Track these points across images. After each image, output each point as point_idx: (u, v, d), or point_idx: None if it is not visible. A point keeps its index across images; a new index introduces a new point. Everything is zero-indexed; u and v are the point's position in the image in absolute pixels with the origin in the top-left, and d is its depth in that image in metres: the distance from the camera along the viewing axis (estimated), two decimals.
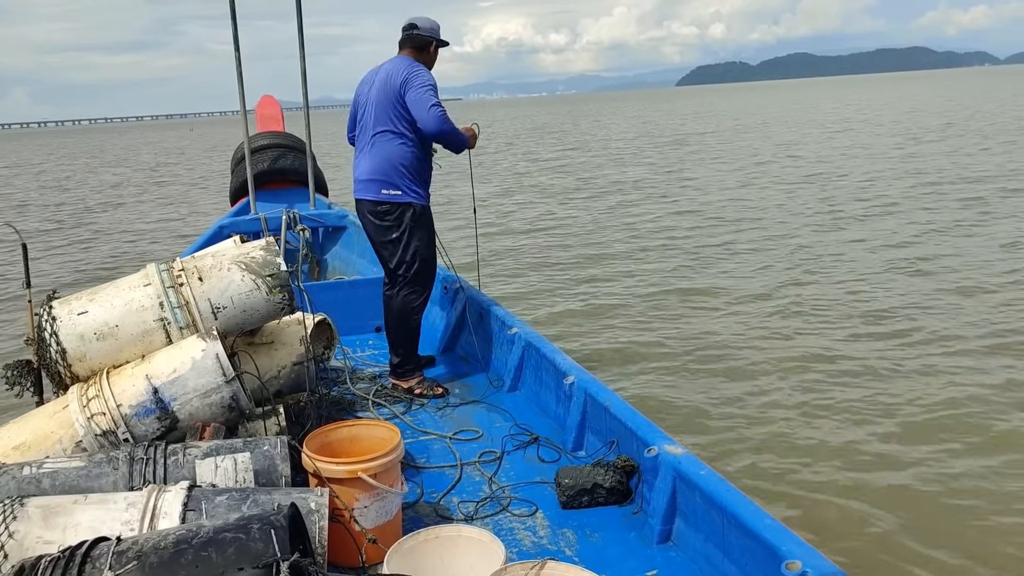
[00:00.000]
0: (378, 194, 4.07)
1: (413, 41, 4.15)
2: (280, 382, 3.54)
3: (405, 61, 4.07)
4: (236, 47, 5.92)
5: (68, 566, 1.82)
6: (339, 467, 2.60)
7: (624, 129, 39.69)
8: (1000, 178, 14.39)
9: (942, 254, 9.03)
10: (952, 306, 7.09)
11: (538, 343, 4.06)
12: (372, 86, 4.12)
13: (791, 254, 9.49)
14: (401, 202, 4.07)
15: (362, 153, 4.17)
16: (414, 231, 4.11)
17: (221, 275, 3.11)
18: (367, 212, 4.17)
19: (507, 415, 3.89)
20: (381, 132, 4.05)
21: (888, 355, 5.98)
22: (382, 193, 4.07)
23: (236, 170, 7.25)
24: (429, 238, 4.20)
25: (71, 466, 2.52)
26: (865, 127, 29.61)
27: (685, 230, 11.48)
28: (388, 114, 4.02)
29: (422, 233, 4.14)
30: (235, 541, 1.83)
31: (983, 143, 20.86)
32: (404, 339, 4.26)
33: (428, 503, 3.10)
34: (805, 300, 7.55)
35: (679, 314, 7.39)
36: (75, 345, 2.93)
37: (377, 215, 4.12)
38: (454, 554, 2.38)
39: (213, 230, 6.13)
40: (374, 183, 4.08)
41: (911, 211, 11.74)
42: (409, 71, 3.99)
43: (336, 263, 6.65)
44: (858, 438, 4.71)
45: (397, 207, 4.07)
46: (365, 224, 4.26)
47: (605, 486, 2.98)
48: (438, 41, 4.19)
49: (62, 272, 11.18)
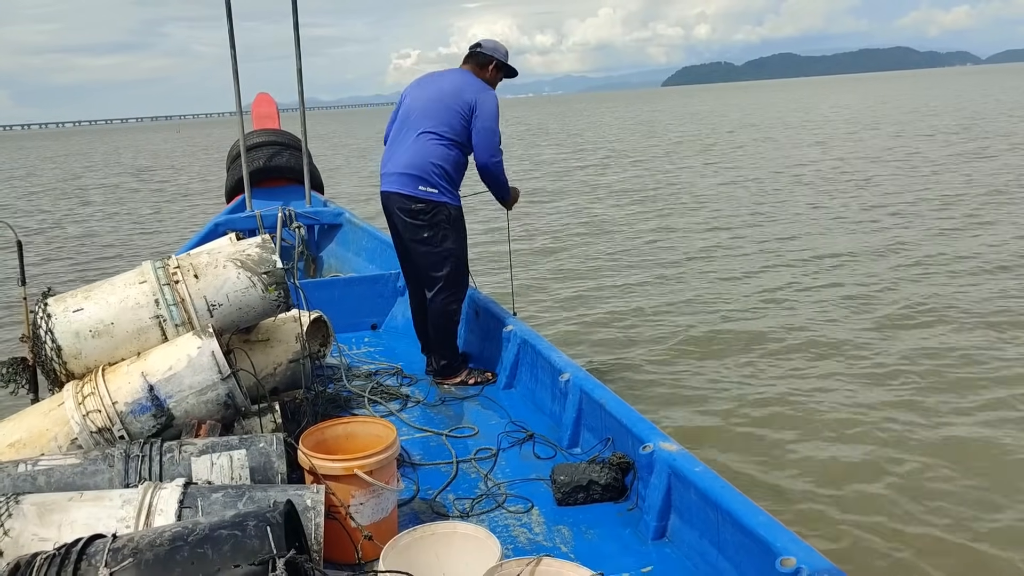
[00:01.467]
0: (415, 190, 4.04)
1: (476, 58, 4.21)
2: (276, 379, 3.54)
3: (476, 80, 4.12)
4: (232, 45, 5.91)
5: (64, 563, 1.82)
6: (335, 464, 2.60)
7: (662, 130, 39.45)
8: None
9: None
10: (948, 306, 7.12)
11: (533, 340, 4.06)
12: (429, 88, 4.15)
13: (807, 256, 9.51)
14: (437, 201, 4.05)
15: (400, 147, 4.13)
16: (448, 232, 4.10)
17: (217, 272, 3.10)
18: (397, 208, 4.11)
19: (503, 412, 3.90)
20: (430, 132, 4.04)
21: (887, 354, 6.00)
22: (419, 190, 4.04)
23: (232, 167, 7.24)
24: (461, 240, 4.18)
25: (66, 463, 2.52)
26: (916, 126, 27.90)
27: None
28: (444, 119, 4.02)
29: (455, 235, 4.13)
30: (231, 538, 1.83)
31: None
32: (447, 341, 4.29)
33: (424, 500, 3.10)
34: (806, 298, 7.58)
35: (680, 304, 7.42)
36: (70, 342, 2.92)
37: (410, 213, 4.08)
38: (450, 551, 2.38)
39: (209, 227, 6.12)
40: (411, 178, 4.04)
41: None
42: (482, 94, 4.04)
43: (332, 260, 6.65)
44: (857, 437, 4.72)
45: (432, 206, 4.05)
46: (394, 221, 4.21)
47: (600, 483, 2.99)
48: (500, 63, 4.20)
49: (59, 271, 11.17)
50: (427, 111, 4.07)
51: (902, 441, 4.61)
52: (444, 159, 4.03)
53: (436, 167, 4.02)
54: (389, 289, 5.38)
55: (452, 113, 4.02)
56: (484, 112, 4.01)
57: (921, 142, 21.60)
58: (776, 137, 26.77)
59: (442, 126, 4.02)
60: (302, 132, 6.51)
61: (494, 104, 4.06)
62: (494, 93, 4.15)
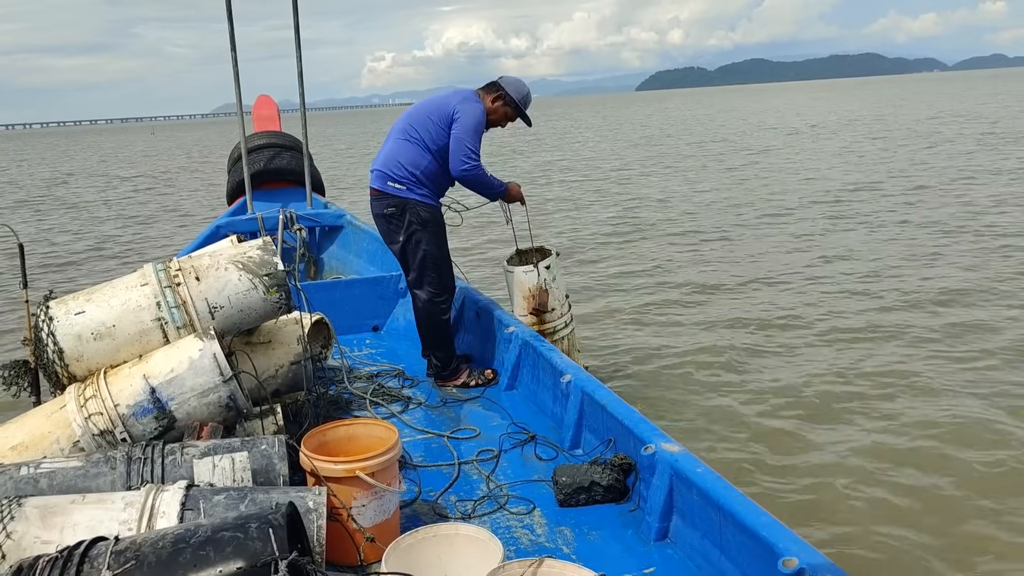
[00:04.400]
0: (384, 185, 4.11)
1: (489, 87, 4.28)
2: (278, 381, 3.54)
3: (468, 95, 4.16)
4: (232, 48, 5.91)
5: (66, 566, 1.82)
6: (337, 466, 2.60)
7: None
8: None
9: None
10: (947, 309, 7.11)
11: (535, 341, 4.06)
12: (424, 102, 4.25)
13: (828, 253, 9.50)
14: (405, 198, 4.08)
15: (380, 150, 4.24)
16: (421, 235, 4.11)
17: (218, 275, 3.11)
18: (374, 213, 4.20)
19: (504, 413, 3.90)
20: (405, 137, 4.12)
21: (887, 353, 6.00)
22: (387, 185, 4.10)
23: (233, 170, 7.24)
24: (436, 240, 4.17)
25: (69, 466, 2.52)
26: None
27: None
28: (421, 125, 4.09)
29: (429, 236, 4.13)
30: (233, 540, 1.84)
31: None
32: (438, 340, 4.30)
33: (426, 501, 3.10)
34: (813, 290, 7.58)
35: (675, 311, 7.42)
36: (72, 345, 2.92)
37: (383, 217, 4.15)
38: (452, 552, 2.38)
39: (210, 230, 6.12)
40: (380, 175, 4.14)
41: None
42: (464, 104, 4.07)
43: (333, 262, 6.65)
44: (856, 436, 4.72)
45: (401, 203, 4.08)
46: (377, 225, 4.29)
47: (602, 484, 2.98)
48: (507, 96, 4.21)
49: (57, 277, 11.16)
50: (410, 117, 4.18)
51: (907, 442, 4.61)
52: (412, 161, 4.07)
53: (403, 166, 4.08)
54: (390, 291, 5.38)
55: (430, 121, 4.09)
56: (460, 121, 4.03)
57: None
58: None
59: (416, 131, 4.10)
60: (303, 134, 6.51)
61: (473, 115, 4.05)
62: (479, 106, 4.10)
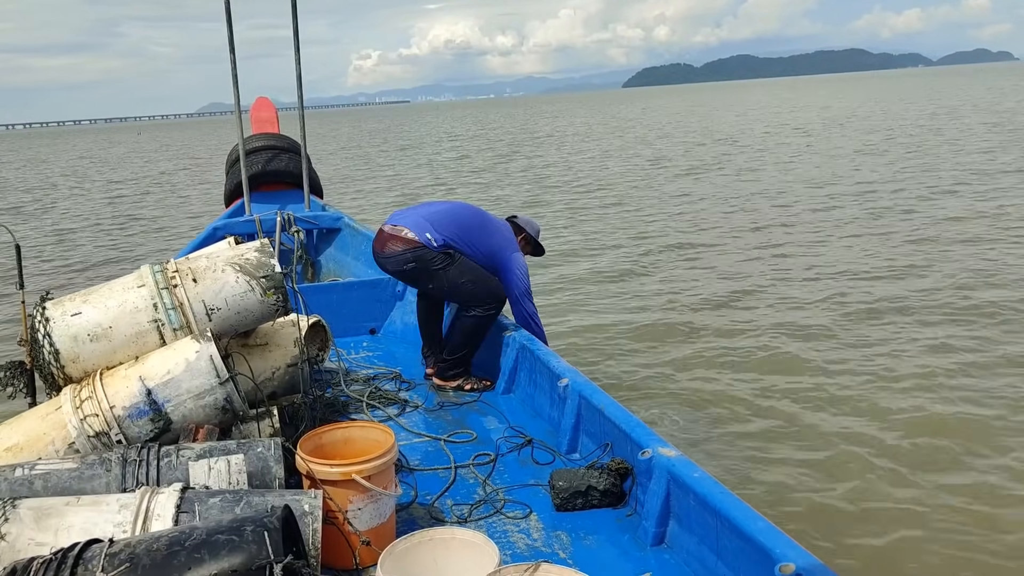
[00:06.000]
0: (421, 235, 4.07)
1: (512, 221, 4.48)
2: (274, 384, 3.53)
3: (513, 239, 4.32)
4: (231, 49, 5.91)
5: (60, 568, 1.82)
6: (333, 469, 2.60)
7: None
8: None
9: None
10: (946, 315, 7.12)
11: (532, 345, 4.06)
12: (463, 207, 4.41)
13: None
14: (428, 248, 4.05)
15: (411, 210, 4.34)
16: (449, 268, 4.07)
17: (215, 276, 3.10)
18: (388, 266, 4.22)
19: (501, 417, 3.89)
20: (469, 224, 4.22)
21: (886, 355, 6.00)
22: (425, 236, 4.07)
23: (231, 172, 7.25)
24: (462, 265, 4.10)
25: (63, 468, 2.51)
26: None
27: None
28: (474, 232, 4.18)
29: (456, 266, 4.08)
30: (228, 543, 1.83)
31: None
32: (465, 347, 4.26)
33: (422, 505, 3.09)
34: (809, 296, 7.59)
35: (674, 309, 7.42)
36: (68, 346, 2.92)
37: (402, 273, 4.21)
38: (448, 556, 2.37)
39: (207, 232, 6.12)
40: (420, 223, 4.14)
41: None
42: (515, 246, 4.27)
43: (330, 265, 6.65)
44: (855, 439, 4.72)
45: (420, 256, 4.06)
46: (397, 279, 4.50)
47: (599, 488, 2.98)
48: (531, 237, 4.47)
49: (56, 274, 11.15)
50: (459, 216, 4.26)
51: (908, 442, 4.61)
52: (442, 227, 4.12)
53: (454, 230, 4.13)
54: (388, 293, 5.38)
55: (484, 232, 4.22)
56: (517, 258, 4.21)
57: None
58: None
59: (468, 236, 4.17)
60: (301, 136, 6.51)
61: (522, 259, 4.26)
62: (521, 257, 4.27)
